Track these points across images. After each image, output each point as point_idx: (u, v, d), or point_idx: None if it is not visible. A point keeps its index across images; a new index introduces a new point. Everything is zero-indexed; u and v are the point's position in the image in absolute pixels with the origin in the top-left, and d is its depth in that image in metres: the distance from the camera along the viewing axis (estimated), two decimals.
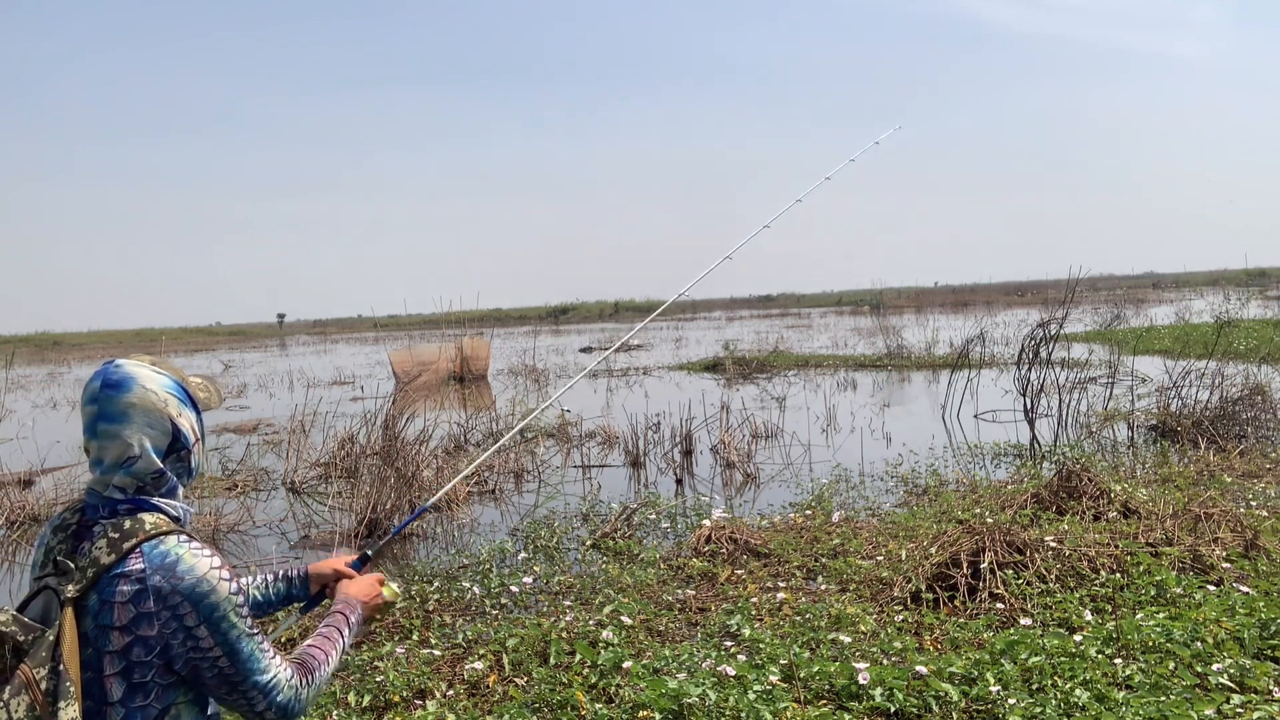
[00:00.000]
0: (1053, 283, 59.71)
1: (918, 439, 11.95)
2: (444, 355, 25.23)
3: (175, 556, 1.64)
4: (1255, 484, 8.09)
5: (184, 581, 1.62)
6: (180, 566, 1.63)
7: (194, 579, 1.63)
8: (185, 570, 1.63)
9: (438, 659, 4.92)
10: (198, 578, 1.63)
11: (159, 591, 1.60)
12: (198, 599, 1.63)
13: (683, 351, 32.74)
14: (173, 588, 1.61)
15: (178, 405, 1.75)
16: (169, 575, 1.62)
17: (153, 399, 1.71)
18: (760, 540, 6.86)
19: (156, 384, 1.73)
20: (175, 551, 1.65)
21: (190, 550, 1.66)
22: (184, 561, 1.64)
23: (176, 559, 1.64)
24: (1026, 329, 13.66)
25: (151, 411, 1.71)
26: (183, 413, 1.76)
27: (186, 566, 1.63)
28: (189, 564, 1.64)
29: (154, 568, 1.62)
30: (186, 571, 1.63)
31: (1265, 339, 20.30)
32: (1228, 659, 4.08)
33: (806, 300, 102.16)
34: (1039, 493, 7.29)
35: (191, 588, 1.62)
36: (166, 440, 1.73)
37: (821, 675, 4.14)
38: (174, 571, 1.62)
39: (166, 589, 1.61)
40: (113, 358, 1.77)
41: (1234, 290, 54.27)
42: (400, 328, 68.97)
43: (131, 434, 1.69)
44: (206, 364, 39.25)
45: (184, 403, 1.77)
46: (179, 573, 1.62)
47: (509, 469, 11.07)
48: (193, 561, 1.65)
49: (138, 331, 79.74)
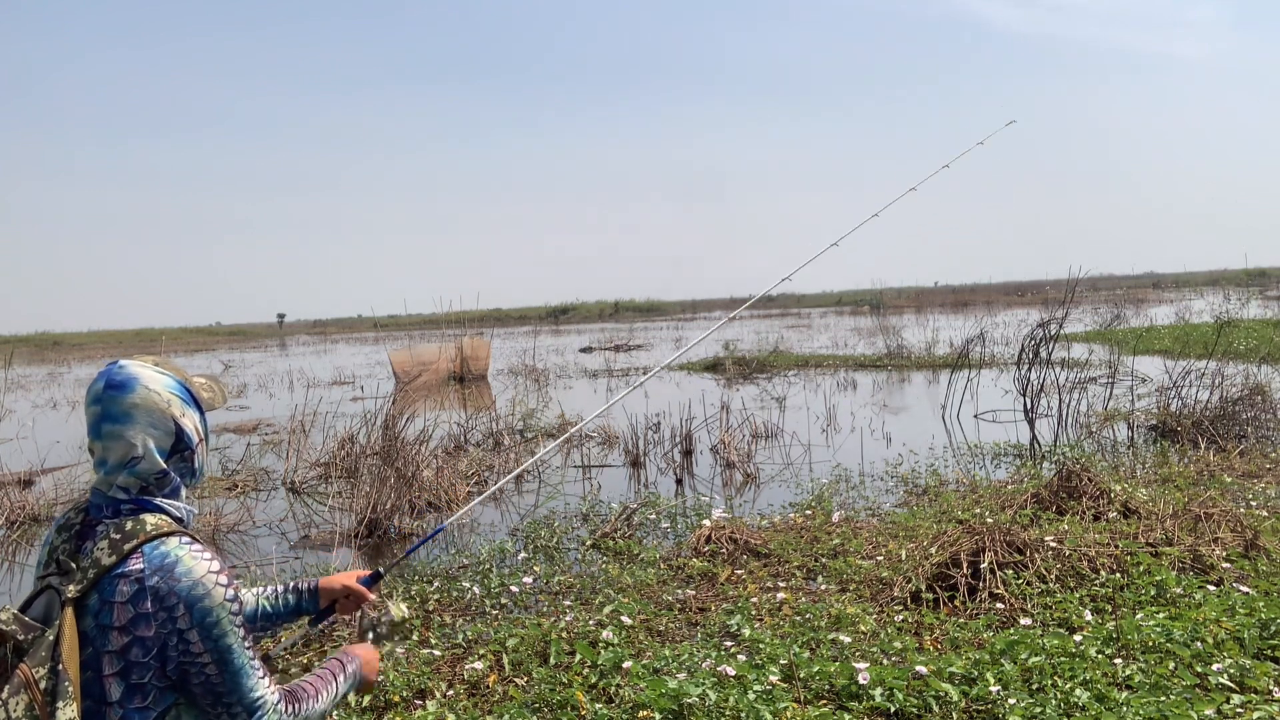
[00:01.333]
0: (1053, 283, 59.70)
1: (918, 439, 11.95)
2: (444, 355, 25.24)
3: (175, 558, 1.65)
4: (1255, 484, 8.09)
5: (180, 583, 1.63)
6: (179, 568, 1.64)
7: (190, 581, 1.64)
8: (183, 572, 1.64)
9: (438, 659, 4.92)
10: (194, 580, 1.64)
11: (156, 592, 1.61)
12: (192, 601, 1.63)
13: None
14: (169, 589, 1.62)
15: (181, 405, 1.76)
16: (166, 576, 1.62)
17: (156, 399, 1.72)
18: (760, 540, 6.86)
19: (160, 384, 1.74)
20: (175, 553, 1.65)
21: (190, 552, 1.67)
22: (182, 563, 1.65)
23: (176, 560, 1.64)
24: (1026, 329, 13.66)
25: (154, 412, 1.71)
26: (186, 413, 1.77)
27: (185, 569, 1.64)
28: (187, 566, 1.65)
29: (153, 568, 1.62)
30: (184, 574, 1.64)
31: (1265, 339, 20.31)
32: (1228, 659, 4.08)
33: (806, 300, 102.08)
34: (1039, 493, 7.29)
35: (187, 590, 1.63)
36: (170, 440, 1.74)
37: (821, 675, 4.14)
38: (172, 573, 1.63)
39: (164, 590, 1.62)
40: (116, 359, 1.78)
41: (1234, 290, 54.28)
42: (400, 328, 69.00)
43: (135, 434, 1.69)
44: (206, 364, 39.25)
45: (187, 403, 1.78)
46: (176, 574, 1.63)
47: (509, 469, 11.07)
48: (191, 564, 1.65)
49: (138, 331, 79.75)
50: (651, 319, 75.02)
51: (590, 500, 9.23)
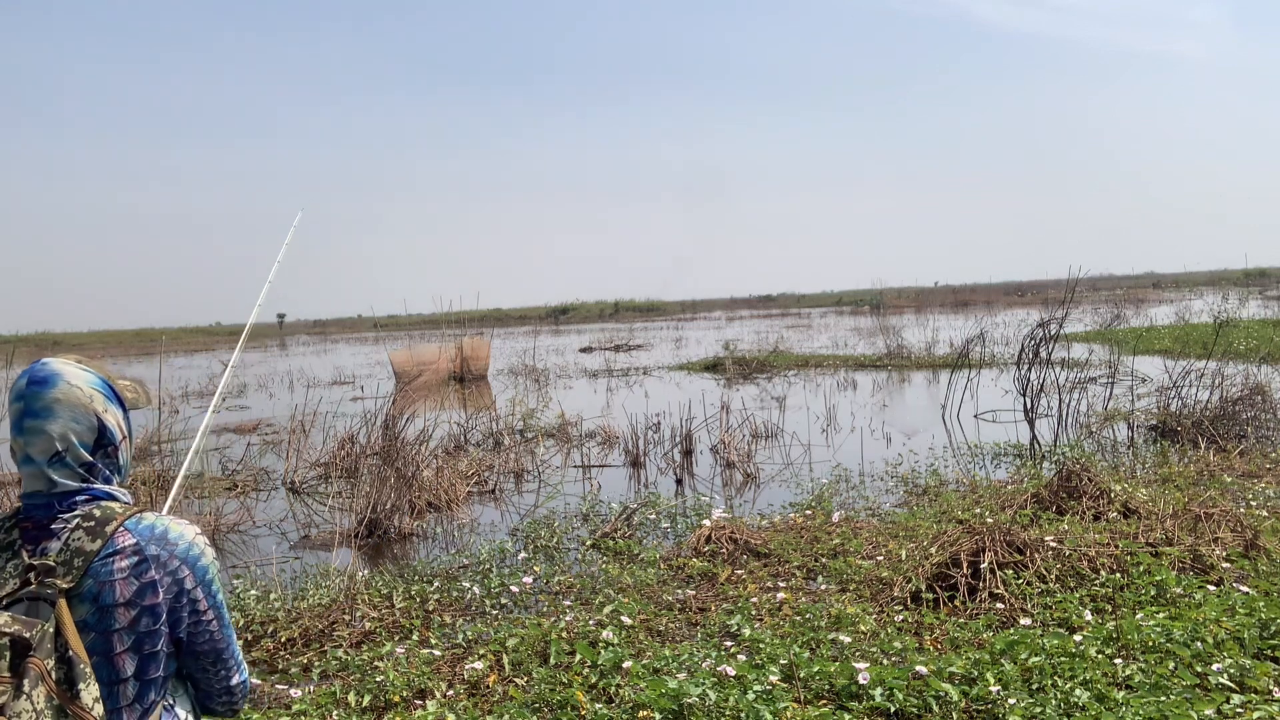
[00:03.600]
0: (1053, 283, 59.65)
1: (918, 439, 11.95)
2: (444, 355, 25.24)
3: (163, 526, 1.72)
4: (1255, 484, 8.09)
5: (178, 547, 1.71)
6: (171, 534, 1.71)
7: (186, 544, 1.72)
8: (176, 537, 1.72)
9: (438, 659, 4.92)
10: (189, 542, 1.73)
11: (158, 559, 1.67)
12: (192, 561, 1.72)
13: (683, 351, 32.74)
14: (170, 553, 1.69)
15: (103, 401, 1.77)
16: (163, 543, 1.69)
17: (77, 394, 1.73)
18: (760, 540, 6.86)
19: (82, 380, 1.75)
20: (160, 524, 1.72)
21: (173, 521, 1.75)
22: (172, 530, 1.72)
23: (165, 529, 1.72)
24: (1026, 329, 13.66)
25: (76, 406, 1.72)
26: (109, 409, 1.77)
27: (176, 534, 1.72)
28: (178, 531, 1.73)
29: (147, 539, 1.68)
30: (178, 538, 1.72)
31: (1265, 339, 20.31)
32: (1228, 659, 4.08)
33: (806, 300, 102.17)
34: (1039, 493, 7.29)
35: (186, 551, 1.72)
36: (93, 435, 1.74)
37: (821, 675, 4.15)
38: (166, 539, 1.70)
39: (164, 555, 1.68)
40: (40, 358, 1.79)
41: (1233, 290, 54.28)
42: (400, 328, 68.98)
43: (57, 428, 1.70)
44: (206, 364, 39.22)
45: (110, 399, 1.79)
46: (171, 539, 1.71)
47: (509, 469, 11.08)
48: (180, 529, 1.74)
49: (138, 332, 79.64)
50: (651, 319, 75.01)
51: (590, 500, 9.22)
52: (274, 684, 4.82)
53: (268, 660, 5.23)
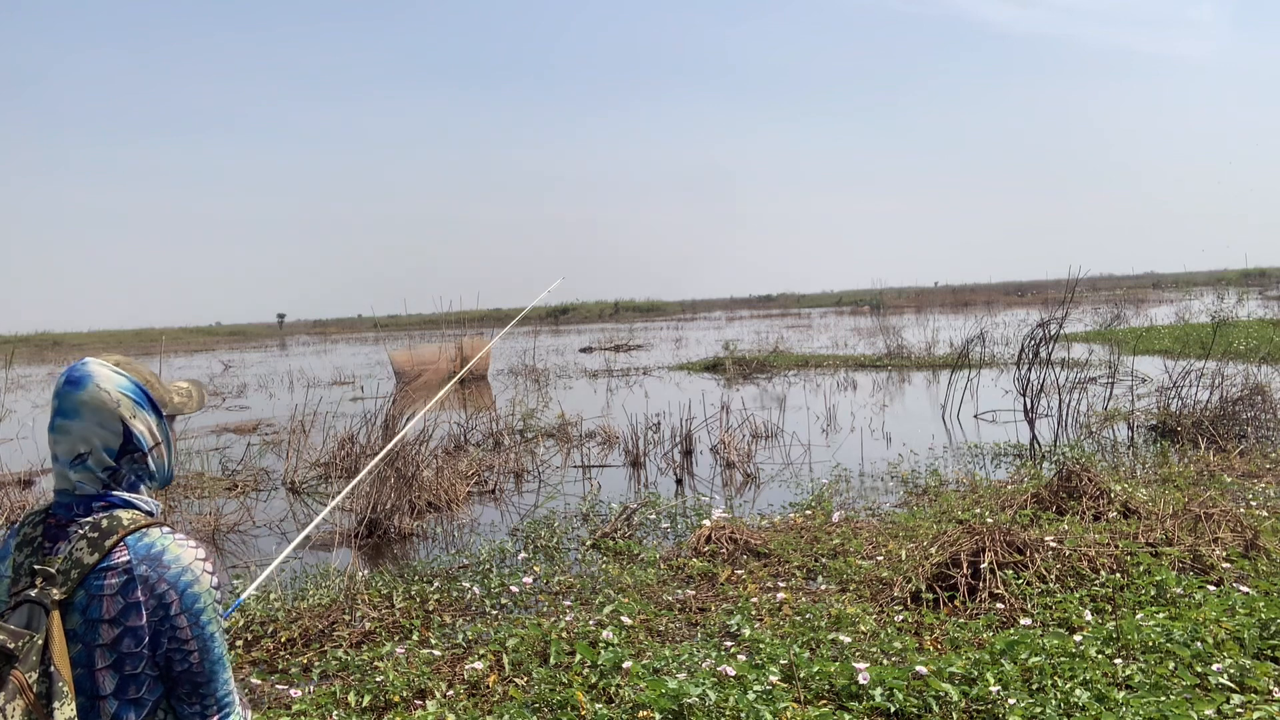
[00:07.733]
0: (1053, 283, 59.74)
1: (918, 439, 11.95)
2: (444, 355, 25.24)
3: (161, 547, 1.66)
4: (1255, 484, 8.09)
5: (170, 570, 1.64)
6: (166, 556, 1.65)
7: (180, 568, 1.65)
8: (171, 559, 1.65)
9: (438, 659, 4.92)
10: (183, 566, 1.66)
11: (145, 580, 1.62)
12: (182, 587, 1.64)
13: (683, 351, 32.74)
14: (159, 576, 1.63)
15: (132, 406, 1.73)
16: (155, 565, 1.64)
17: (104, 398, 1.70)
18: (760, 540, 6.86)
19: (112, 384, 1.72)
20: (160, 543, 1.67)
21: (175, 541, 1.68)
22: (170, 551, 1.66)
23: (162, 549, 1.66)
24: (1026, 329, 13.65)
25: (102, 410, 1.70)
26: (137, 415, 1.74)
27: (172, 556, 1.66)
28: (175, 554, 1.66)
29: (139, 558, 1.63)
30: (173, 560, 1.65)
31: (1265, 339, 20.31)
32: (1228, 659, 4.08)
33: (806, 300, 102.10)
34: (1039, 493, 7.29)
35: (177, 576, 1.64)
36: (118, 441, 1.72)
37: (821, 675, 4.14)
38: (160, 560, 1.64)
39: (153, 578, 1.63)
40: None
41: (1233, 290, 54.26)
42: (400, 328, 68.98)
43: (81, 431, 1.69)
44: (206, 364, 39.25)
45: (140, 405, 1.75)
46: (165, 561, 1.65)
47: (509, 469, 11.08)
48: (178, 551, 1.67)
49: (138, 332, 79.57)
50: (651, 319, 75.00)
51: (590, 500, 9.22)
52: (274, 684, 4.82)
53: (268, 660, 5.24)
